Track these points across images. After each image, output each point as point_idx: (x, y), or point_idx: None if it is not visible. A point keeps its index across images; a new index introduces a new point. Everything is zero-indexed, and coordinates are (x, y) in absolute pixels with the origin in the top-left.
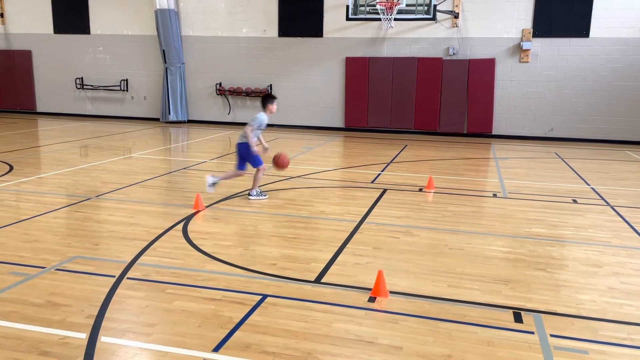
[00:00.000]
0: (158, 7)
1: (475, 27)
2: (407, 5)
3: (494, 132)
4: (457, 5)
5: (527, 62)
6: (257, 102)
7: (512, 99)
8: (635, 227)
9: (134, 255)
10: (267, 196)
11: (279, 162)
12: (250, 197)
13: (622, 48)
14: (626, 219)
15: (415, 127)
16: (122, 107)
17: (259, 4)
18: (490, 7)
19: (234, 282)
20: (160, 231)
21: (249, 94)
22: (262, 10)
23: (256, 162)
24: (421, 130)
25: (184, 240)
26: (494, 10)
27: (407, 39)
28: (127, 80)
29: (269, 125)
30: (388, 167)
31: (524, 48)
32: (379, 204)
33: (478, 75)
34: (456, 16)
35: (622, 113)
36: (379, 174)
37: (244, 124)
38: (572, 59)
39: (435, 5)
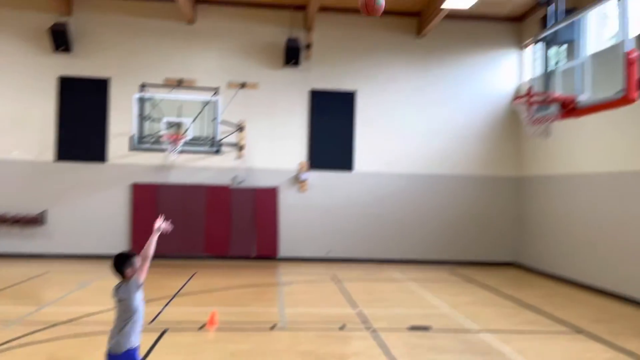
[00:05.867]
0: None
1: (259, 159)
2: (192, 138)
3: (280, 255)
4: (241, 139)
5: (305, 190)
6: (27, 231)
7: (294, 224)
8: (391, 352)
9: None
10: None
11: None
12: None
13: (380, 180)
14: (385, 341)
15: (206, 252)
16: None
17: (35, 125)
18: (271, 142)
19: None
20: None
21: (17, 221)
22: (38, 131)
23: None
24: (212, 255)
25: None
26: (275, 145)
27: (195, 167)
28: None
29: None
30: (173, 300)
31: (301, 179)
32: (155, 349)
33: (263, 202)
34: (241, 148)
35: (383, 236)
36: (161, 312)
37: (9, 256)
38: (341, 188)
39: (219, 140)
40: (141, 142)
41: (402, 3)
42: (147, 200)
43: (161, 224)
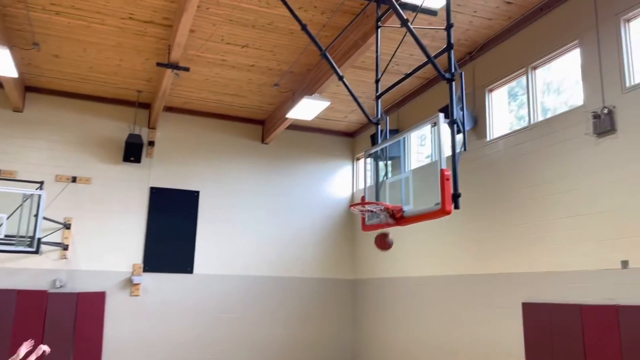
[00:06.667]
0: None
1: (86, 260)
2: (6, 235)
3: None
4: (66, 237)
5: (138, 295)
6: None
7: (123, 333)
8: None
9: None
10: None
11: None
12: None
13: (220, 283)
14: None
15: None
16: None
17: None
18: (101, 241)
19: None
20: None
21: None
22: None
23: None
24: None
25: None
26: (106, 244)
27: (6, 269)
28: None
29: None
30: None
31: (134, 282)
32: None
33: (87, 309)
34: (65, 248)
35: (225, 342)
36: None
37: None
38: (179, 292)
39: (39, 239)
40: None
41: (248, 111)
42: None
43: (39, 349)
